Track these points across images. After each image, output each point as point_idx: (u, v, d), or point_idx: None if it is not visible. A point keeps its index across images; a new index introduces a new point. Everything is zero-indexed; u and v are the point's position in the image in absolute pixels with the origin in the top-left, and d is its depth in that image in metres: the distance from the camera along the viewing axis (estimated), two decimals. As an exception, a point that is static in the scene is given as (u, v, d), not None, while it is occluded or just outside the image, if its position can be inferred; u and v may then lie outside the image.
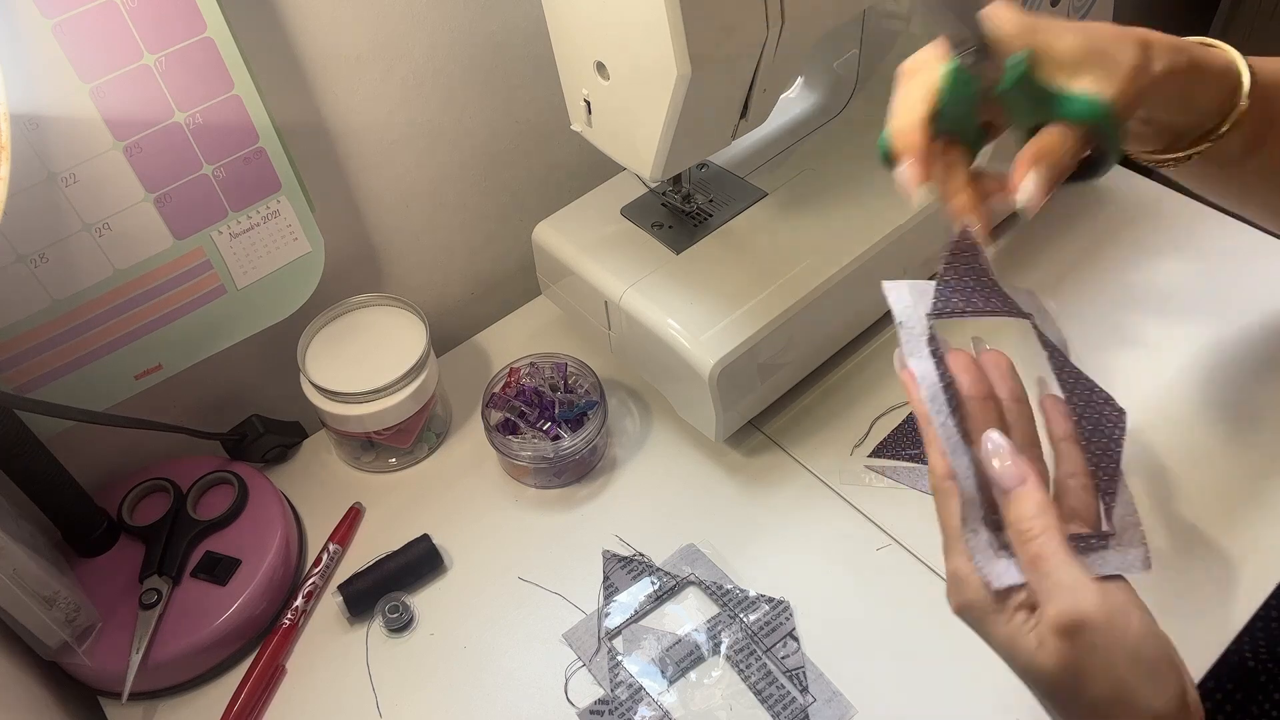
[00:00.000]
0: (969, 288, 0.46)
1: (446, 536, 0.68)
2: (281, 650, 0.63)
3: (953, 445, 0.43)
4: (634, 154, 0.59)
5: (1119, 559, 0.43)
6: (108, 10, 0.51)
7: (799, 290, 0.67)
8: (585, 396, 0.72)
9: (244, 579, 0.63)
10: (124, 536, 0.65)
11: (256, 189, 0.62)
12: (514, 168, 0.80)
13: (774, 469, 0.71)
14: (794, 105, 0.83)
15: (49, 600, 0.56)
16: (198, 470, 0.68)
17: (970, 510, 0.43)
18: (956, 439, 0.43)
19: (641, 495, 0.70)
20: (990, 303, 0.46)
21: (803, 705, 0.58)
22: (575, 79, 0.59)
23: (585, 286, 0.70)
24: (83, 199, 0.56)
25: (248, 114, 0.59)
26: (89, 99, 0.53)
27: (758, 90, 0.57)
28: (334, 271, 0.70)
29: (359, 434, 0.69)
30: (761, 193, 0.74)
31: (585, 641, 0.62)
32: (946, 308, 0.46)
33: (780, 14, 0.53)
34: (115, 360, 0.62)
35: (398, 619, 0.63)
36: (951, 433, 0.44)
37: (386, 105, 0.69)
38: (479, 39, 0.71)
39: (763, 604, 0.63)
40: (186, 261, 0.62)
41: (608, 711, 0.59)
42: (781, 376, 0.71)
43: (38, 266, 0.56)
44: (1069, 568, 0.40)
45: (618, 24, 0.52)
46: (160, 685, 0.62)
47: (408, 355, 0.68)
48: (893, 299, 0.47)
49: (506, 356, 0.74)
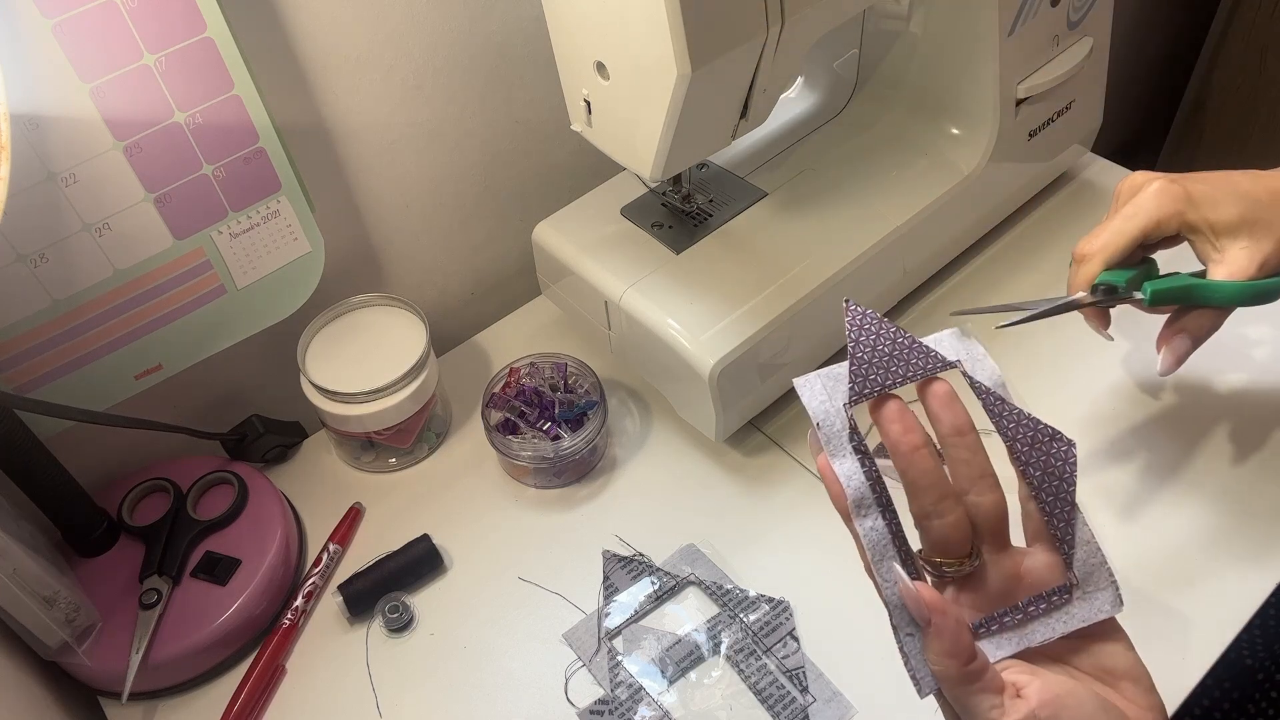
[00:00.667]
0: (885, 356, 0.43)
1: (446, 536, 0.68)
2: (281, 650, 0.63)
3: (877, 552, 0.41)
4: (634, 154, 0.59)
5: (1085, 609, 0.41)
6: (108, 10, 0.51)
7: (799, 290, 0.67)
8: (585, 396, 0.72)
9: (244, 579, 0.63)
10: (124, 536, 0.65)
11: (256, 189, 0.62)
12: (514, 168, 0.80)
13: (774, 469, 0.71)
14: (794, 105, 0.83)
15: (49, 600, 0.56)
16: (198, 470, 0.68)
17: (898, 616, 0.41)
18: (883, 545, 0.41)
19: (641, 495, 0.70)
20: (912, 367, 0.43)
21: (803, 705, 0.58)
22: (575, 79, 0.59)
23: (585, 286, 0.70)
24: (83, 199, 0.56)
25: (248, 114, 0.59)
26: (89, 99, 0.53)
27: (758, 90, 0.57)
28: (334, 271, 0.70)
29: (359, 434, 0.69)
30: (761, 193, 0.74)
31: (585, 641, 0.62)
32: (865, 388, 0.42)
33: (780, 14, 0.53)
34: (115, 360, 0.62)
35: (398, 619, 0.63)
36: (878, 539, 0.41)
37: (386, 105, 0.69)
38: (479, 39, 0.71)
39: (763, 604, 0.63)
40: (186, 261, 0.62)
41: (608, 711, 0.59)
42: (781, 376, 0.71)
43: (38, 266, 0.56)
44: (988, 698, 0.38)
45: (618, 24, 0.52)
46: (160, 685, 0.62)
47: (408, 355, 0.68)
48: (806, 397, 0.43)
49: (506, 356, 0.74)
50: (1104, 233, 0.54)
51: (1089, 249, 0.54)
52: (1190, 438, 0.69)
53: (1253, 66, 1.47)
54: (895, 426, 0.41)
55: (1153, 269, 0.56)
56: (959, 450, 0.41)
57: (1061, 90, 0.78)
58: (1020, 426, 0.42)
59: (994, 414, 0.42)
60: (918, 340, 0.43)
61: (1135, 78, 1.55)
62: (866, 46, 0.79)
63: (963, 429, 0.41)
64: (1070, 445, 0.42)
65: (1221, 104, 1.56)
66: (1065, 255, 0.82)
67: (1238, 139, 1.55)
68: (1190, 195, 0.53)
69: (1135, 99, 1.61)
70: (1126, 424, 0.70)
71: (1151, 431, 0.69)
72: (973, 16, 0.70)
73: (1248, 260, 0.52)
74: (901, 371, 0.42)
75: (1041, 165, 0.83)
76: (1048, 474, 0.42)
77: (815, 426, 0.42)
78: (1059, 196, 0.87)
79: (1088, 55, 0.77)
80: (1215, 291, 0.52)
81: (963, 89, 0.75)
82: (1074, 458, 0.42)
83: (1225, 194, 0.53)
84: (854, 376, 0.42)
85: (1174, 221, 0.53)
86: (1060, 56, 0.77)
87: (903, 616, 0.41)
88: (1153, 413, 0.70)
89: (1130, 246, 0.53)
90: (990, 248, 0.83)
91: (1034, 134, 0.79)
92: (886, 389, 0.42)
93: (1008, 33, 0.71)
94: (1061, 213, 0.86)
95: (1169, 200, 0.53)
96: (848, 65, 0.81)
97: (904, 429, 0.41)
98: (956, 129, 0.77)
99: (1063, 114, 0.81)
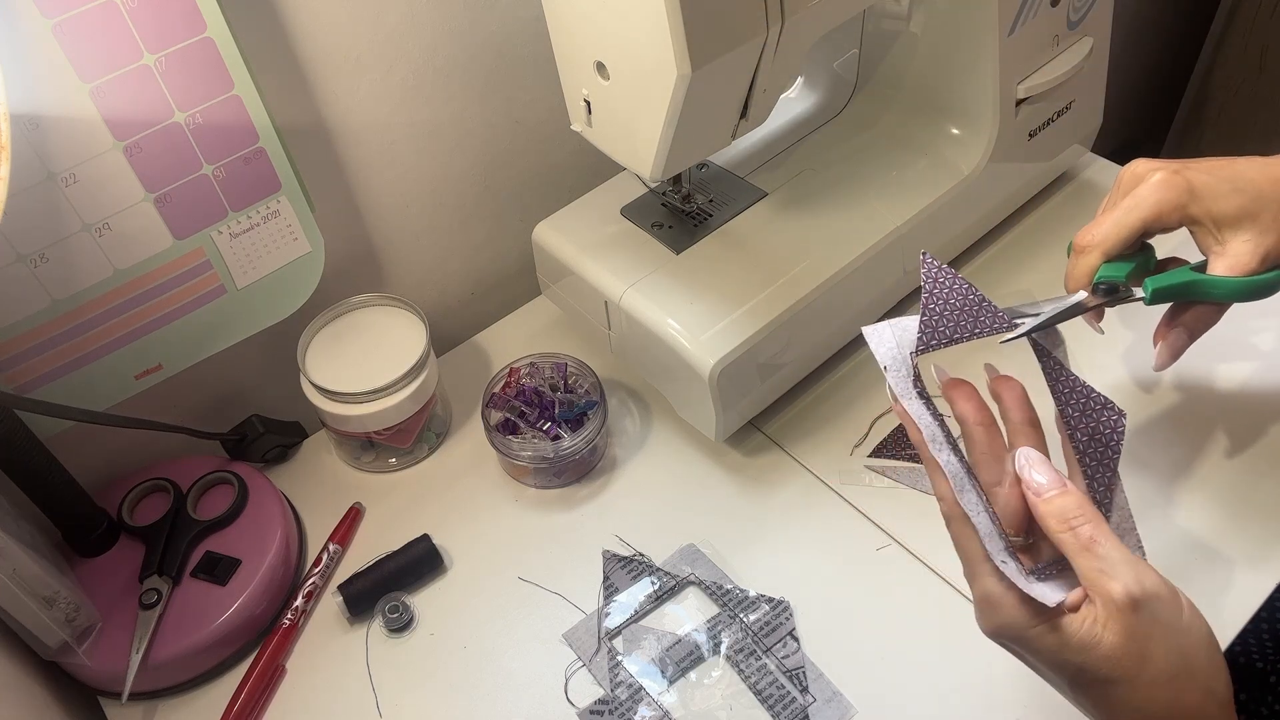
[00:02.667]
0: (956, 311, 0.45)
1: (446, 536, 0.68)
2: (281, 650, 0.63)
3: (959, 482, 0.43)
4: (634, 154, 0.59)
5: None
6: (108, 10, 0.51)
7: (799, 290, 0.67)
8: (585, 396, 0.72)
9: (244, 579, 0.63)
10: (124, 536, 0.65)
11: (256, 189, 0.62)
12: (514, 168, 0.80)
13: (774, 469, 0.71)
14: (794, 105, 0.83)
15: (49, 600, 0.56)
16: (198, 470, 0.68)
17: (992, 543, 0.43)
18: (962, 476, 0.43)
19: (641, 495, 0.70)
20: (980, 324, 0.45)
21: (803, 705, 0.58)
22: (575, 79, 0.59)
23: (585, 286, 0.70)
24: (83, 199, 0.56)
25: (248, 114, 0.59)
26: (89, 99, 0.53)
27: (758, 90, 0.57)
28: (334, 271, 0.70)
29: (359, 434, 0.69)
30: (761, 193, 0.74)
31: (585, 641, 0.62)
32: (934, 339, 0.45)
33: (780, 14, 0.53)
34: (115, 360, 0.62)
35: (398, 619, 0.63)
36: (956, 469, 0.43)
37: (386, 105, 0.69)
38: (479, 39, 0.71)
39: (763, 604, 0.63)
40: (186, 261, 0.62)
41: (608, 711, 0.59)
42: (781, 376, 0.71)
43: (38, 266, 0.56)
44: (1122, 549, 0.41)
45: (618, 24, 0.52)
46: (160, 685, 0.62)
47: (408, 355, 0.68)
48: (874, 344, 0.46)
49: (506, 356, 0.74)
50: (1104, 224, 0.53)
51: (1089, 240, 0.54)
52: (1189, 436, 0.69)
53: (1253, 66, 1.47)
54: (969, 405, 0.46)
55: (1151, 257, 0.55)
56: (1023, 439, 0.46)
57: (1061, 90, 0.78)
58: (1075, 392, 0.45)
59: (1051, 376, 0.46)
60: (988, 299, 0.46)
61: (1135, 78, 1.55)
62: (866, 46, 0.79)
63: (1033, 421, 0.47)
64: (1120, 415, 0.45)
65: (1221, 104, 1.55)
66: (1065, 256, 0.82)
67: (1238, 139, 1.55)
68: (1192, 187, 0.53)
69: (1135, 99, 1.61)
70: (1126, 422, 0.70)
71: (1150, 428, 0.69)
72: (973, 16, 0.70)
73: (1250, 253, 0.51)
74: (970, 327, 0.45)
75: (1041, 165, 0.83)
76: (1094, 439, 0.45)
77: (883, 369, 0.45)
78: (1059, 196, 0.87)
79: (1088, 55, 0.77)
80: (1215, 287, 0.52)
81: (963, 89, 0.75)
82: (1122, 427, 0.45)
83: (1228, 185, 0.52)
84: (924, 328, 0.45)
85: (1175, 214, 0.53)
86: (1060, 56, 0.77)
87: (996, 543, 0.43)
88: (1151, 409, 0.70)
89: (1131, 239, 0.53)
90: (990, 248, 0.83)
91: (1034, 134, 0.79)
92: (954, 342, 0.45)
93: (1008, 32, 0.71)
94: (1061, 213, 0.86)
95: (1171, 193, 0.52)
96: (848, 65, 0.81)
97: (976, 407, 0.46)
98: (956, 129, 0.77)
99: (1063, 114, 0.81)
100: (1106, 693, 0.41)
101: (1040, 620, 0.41)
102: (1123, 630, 0.39)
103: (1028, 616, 0.41)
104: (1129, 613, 0.39)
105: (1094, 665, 0.40)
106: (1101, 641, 0.40)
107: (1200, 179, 0.53)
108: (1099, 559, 0.40)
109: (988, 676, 0.59)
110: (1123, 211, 0.53)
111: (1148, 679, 0.40)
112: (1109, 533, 0.41)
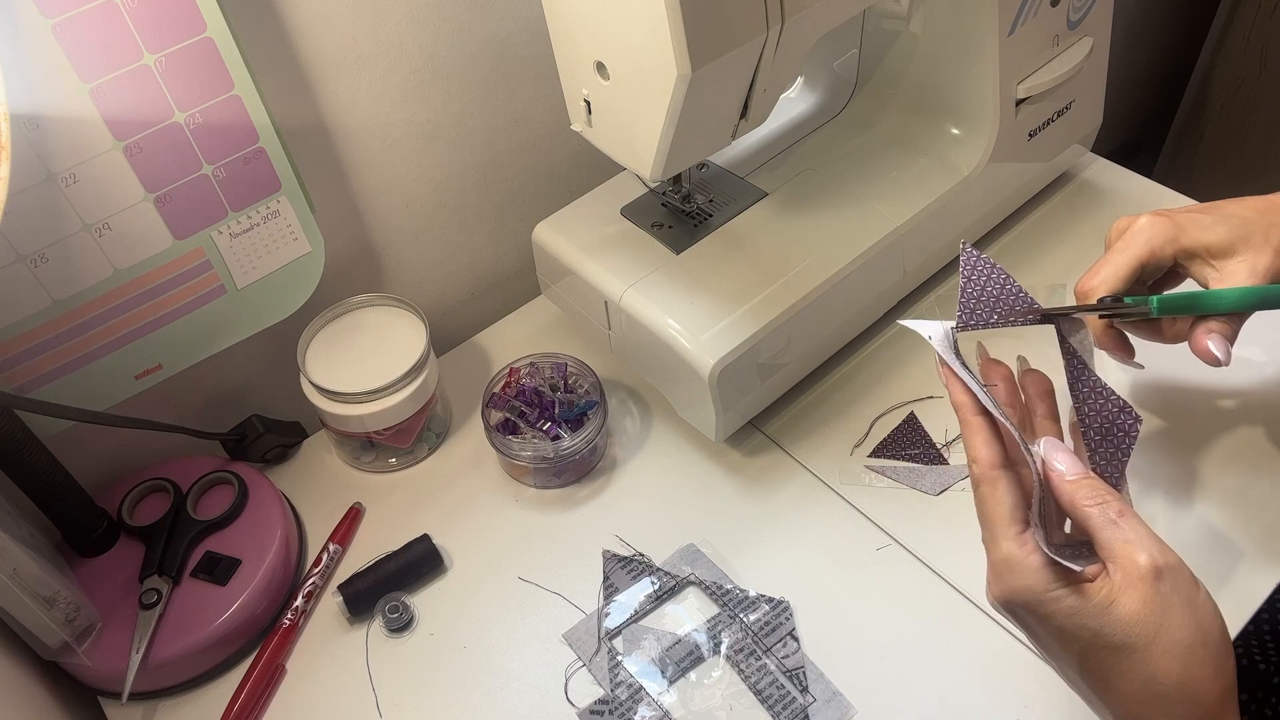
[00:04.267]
0: (992, 298, 0.49)
1: (446, 536, 0.68)
2: (281, 650, 0.63)
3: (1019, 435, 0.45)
4: (634, 154, 0.59)
5: None
6: (108, 10, 0.51)
7: (799, 290, 0.67)
8: (585, 396, 0.72)
9: (244, 579, 0.63)
10: (124, 536, 0.65)
11: (256, 189, 0.62)
12: (514, 168, 0.80)
13: (774, 469, 0.71)
14: (794, 105, 0.83)
15: (49, 600, 0.56)
16: (198, 470, 0.68)
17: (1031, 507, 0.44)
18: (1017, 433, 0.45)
19: (641, 495, 0.70)
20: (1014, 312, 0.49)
21: (803, 705, 0.58)
22: (575, 79, 0.59)
23: (585, 286, 0.71)
24: (83, 199, 0.56)
25: (248, 114, 0.59)
26: (89, 99, 0.53)
27: (758, 90, 0.57)
28: (334, 271, 0.70)
29: (359, 434, 0.69)
30: (761, 193, 0.74)
31: (585, 641, 0.62)
32: (971, 321, 0.48)
33: (780, 14, 0.53)
34: (115, 360, 0.62)
35: (398, 619, 0.63)
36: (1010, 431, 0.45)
37: (386, 105, 0.69)
38: (479, 39, 0.71)
39: (763, 604, 0.63)
40: (186, 261, 0.62)
41: (608, 711, 0.59)
42: (781, 376, 0.71)
43: (38, 266, 0.56)
44: (1146, 526, 0.42)
45: (618, 24, 0.52)
46: (160, 685, 0.62)
47: (408, 355, 0.68)
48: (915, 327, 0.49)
49: (506, 356, 0.74)
50: (1102, 268, 0.55)
51: (1090, 285, 0.55)
52: (1189, 436, 0.69)
53: (1253, 66, 1.47)
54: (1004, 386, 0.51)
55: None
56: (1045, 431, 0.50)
57: (1061, 90, 0.78)
58: (1093, 392, 0.48)
59: (1071, 372, 0.48)
60: (1023, 290, 0.49)
61: (1135, 78, 1.55)
62: (866, 46, 0.79)
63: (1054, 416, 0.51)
64: (1137, 420, 0.47)
65: (1221, 104, 1.55)
66: (1066, 255, 0.82)
67: (1238, 139, 1.55)
68: (1179, 223, 0.54)
69: (1135, 99, 1.61)
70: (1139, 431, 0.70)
71: (1149, 428, 0.69)
72: (972, 16, 0.70)
73: (1247, 273, 0.53)
74: (1004, 313, 0.49)
75: (1041, 165, 0.83)
76: (1106, 439, 0.47)
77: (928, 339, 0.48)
78: (1059, 196, 0.87)
79: (1088, 55, 0.77)
80: (1221, 299, 0.52)
81: (963, 89, 0.75)
82: (1136, 432, 0.47)
83: (1212, 218, 0.54)
84: (962, 309, 0.48)
85: (1169, 248, 0.54)
86: (1060, 56, 0.77)
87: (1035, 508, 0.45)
88: (1149, 410, 0.70)
89: (1130, 276, 0.54)
90: (990, 248, 0.83)
91: (1034, 134, 0.79)
92: (989, 325, 0.48)
93: (1008, 33, 0.71)
94: (1061, 213, 0.86)
95: (1160, 230, 0.54)
96: (848, 65, 0.81)
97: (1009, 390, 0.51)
98: (956, 129, 0.77)
99: (1063, 114, 0.81)
100: (1118, 662, 0.41)
101: (1060, 584, 0.42)
102: (1142, 597, 0.41)
103: (1048, 580, 0.42)
104: (1151, 580, 0.41)
105: (1110, 629, 0.41)
106: (1120, 603, 0.41)
107: (1185, 215, 0.55)
108: (1126, 531, 0.42)
109: (987, 676, 0.59)
110: (1117, 252, 0.55)
111: (1162, 648, 0.40)
112: (1135, 513, 0.43)
